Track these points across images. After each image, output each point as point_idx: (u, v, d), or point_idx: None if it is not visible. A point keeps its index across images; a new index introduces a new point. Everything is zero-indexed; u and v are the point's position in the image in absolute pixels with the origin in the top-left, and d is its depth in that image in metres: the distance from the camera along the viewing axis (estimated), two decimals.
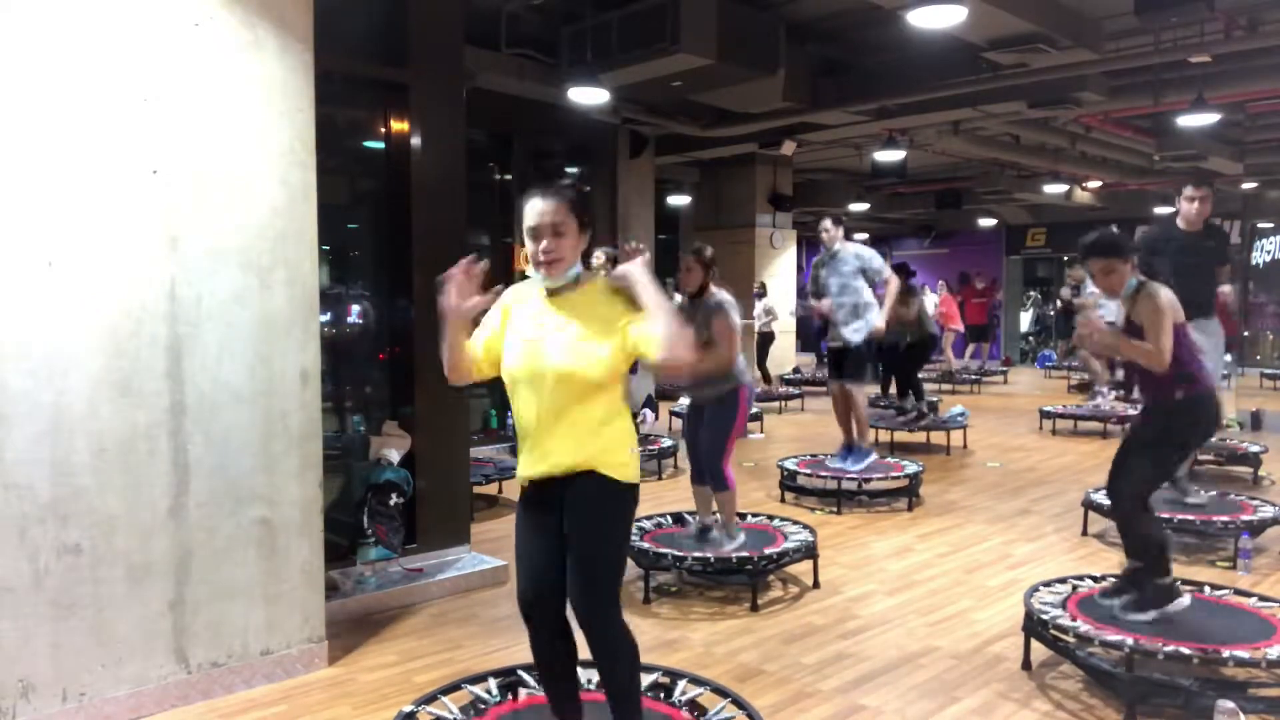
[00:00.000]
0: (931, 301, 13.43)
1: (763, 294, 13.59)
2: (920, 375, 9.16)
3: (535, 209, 2.51)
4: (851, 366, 6.77)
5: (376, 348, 5.01)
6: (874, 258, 6.73)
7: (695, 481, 4.74)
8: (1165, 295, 3.48)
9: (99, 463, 3.05)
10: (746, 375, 4.66)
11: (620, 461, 2.55)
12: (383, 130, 4.73)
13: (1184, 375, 3.52)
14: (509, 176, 9.41)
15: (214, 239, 3.28)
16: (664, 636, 3.99)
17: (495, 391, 9.27)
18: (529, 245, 2.55)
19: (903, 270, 9.04)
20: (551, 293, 2.58)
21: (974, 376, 14.87)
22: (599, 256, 5.61)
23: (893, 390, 9.80)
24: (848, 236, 6.92)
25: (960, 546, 5.39)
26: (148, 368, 3.14)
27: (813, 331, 14.99)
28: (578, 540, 2.54)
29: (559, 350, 2.49)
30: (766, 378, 13.19)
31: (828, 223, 6.78)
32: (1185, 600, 3.54)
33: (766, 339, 13.44)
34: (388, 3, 4.59)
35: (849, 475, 6.44)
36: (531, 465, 2.57)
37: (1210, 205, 5.52)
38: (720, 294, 4.52)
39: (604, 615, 2.54)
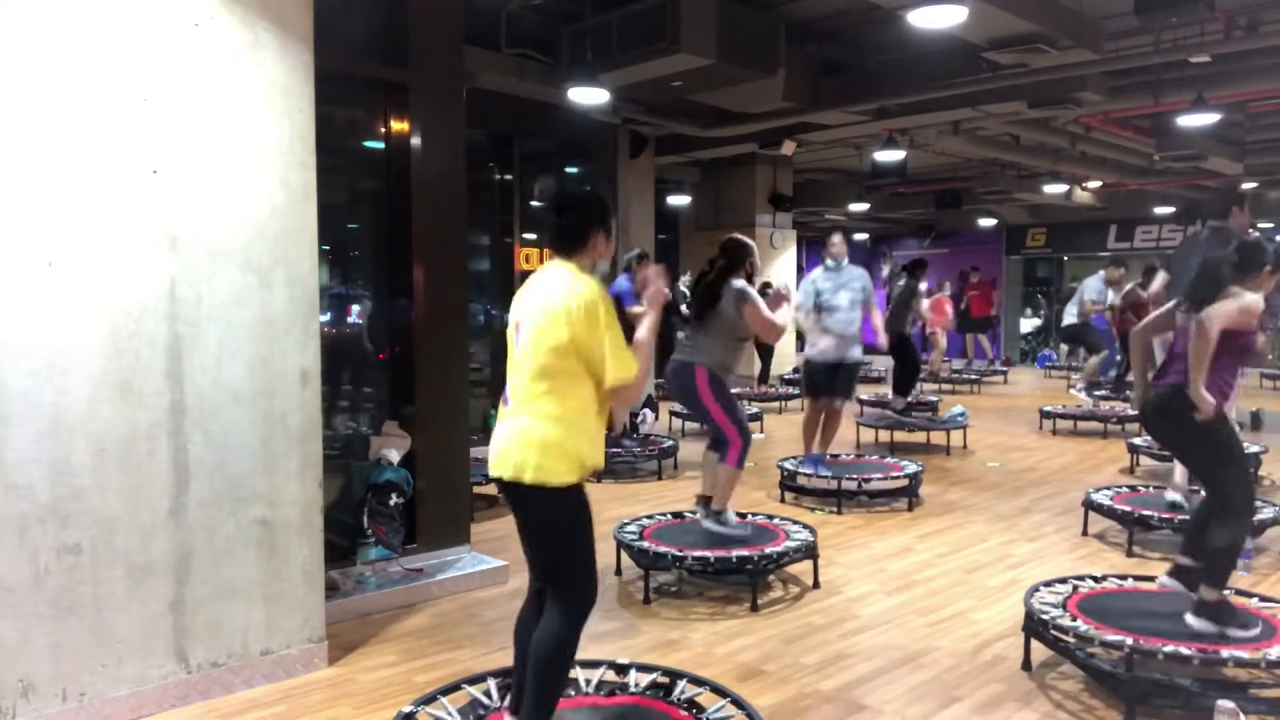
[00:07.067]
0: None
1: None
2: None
3: None
4: (846, 383, 6.85)
5: (377, 347, 5.01)
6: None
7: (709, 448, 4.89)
8: None
9: (99, 463, 3.05)
10: (698, 355, 4.66)
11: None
12: (383, 130, 4.73)
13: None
14: (509, 176, 9.40)
15: (214, 239, 3.28)
16: (664, 636, 3.99)
17: (495, 392, 9.25)
18: None
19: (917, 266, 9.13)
20: None
21: (974, 376, 14.85)
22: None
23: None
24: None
25: (960, 546, 5.39)
26: (148, 368, 3.15)
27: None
28: None
29: None
30: (764, 377, 13.06)
31: (838, 237, 6.85)
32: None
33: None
34: (388, 3, 4.59)
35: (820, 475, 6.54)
36: None
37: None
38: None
39: None
